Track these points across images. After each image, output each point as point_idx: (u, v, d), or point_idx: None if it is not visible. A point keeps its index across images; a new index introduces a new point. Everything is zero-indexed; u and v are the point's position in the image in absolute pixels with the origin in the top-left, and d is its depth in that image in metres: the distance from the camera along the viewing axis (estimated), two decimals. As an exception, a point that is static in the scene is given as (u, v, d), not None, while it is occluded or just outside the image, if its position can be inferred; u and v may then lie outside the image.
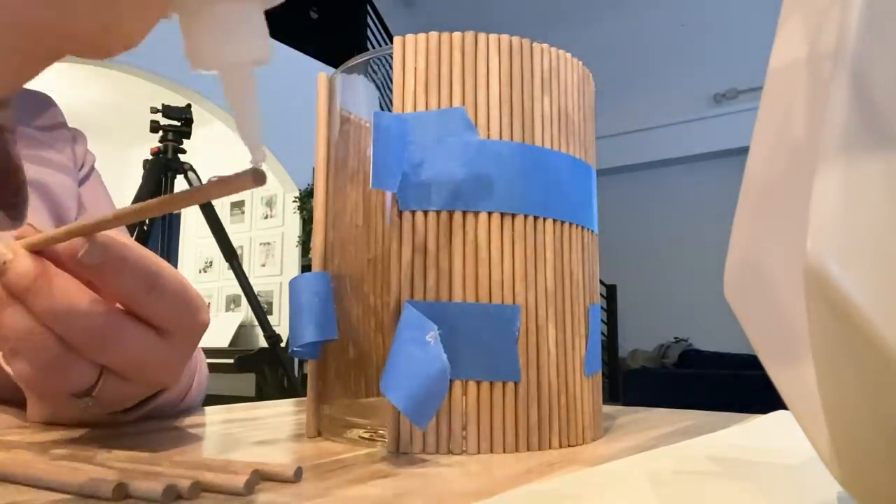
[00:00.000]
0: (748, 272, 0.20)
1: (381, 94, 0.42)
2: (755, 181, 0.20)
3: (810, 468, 0.27)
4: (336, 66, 0.40)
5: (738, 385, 3.21)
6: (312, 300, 0.37)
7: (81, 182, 0.58)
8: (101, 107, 4.77)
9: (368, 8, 5.82)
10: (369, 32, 5.83)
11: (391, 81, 0.35)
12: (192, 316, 0.32)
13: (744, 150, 4.76)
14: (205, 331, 0.33)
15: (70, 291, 0.27)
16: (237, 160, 4.91)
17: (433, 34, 0.34)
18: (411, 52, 0.34)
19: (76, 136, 0.60)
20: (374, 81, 0.40)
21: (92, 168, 0.60)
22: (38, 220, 0.49)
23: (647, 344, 5.11)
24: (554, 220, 0.35)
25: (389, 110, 0.34)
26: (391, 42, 0.35)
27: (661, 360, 4.47)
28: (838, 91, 0.15)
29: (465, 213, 0.33)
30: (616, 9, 6.03)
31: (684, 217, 5.61)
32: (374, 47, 5.63)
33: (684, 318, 5.35)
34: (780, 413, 0.42)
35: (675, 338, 4.92)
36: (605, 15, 6.06)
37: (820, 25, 0.18)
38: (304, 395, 0.37)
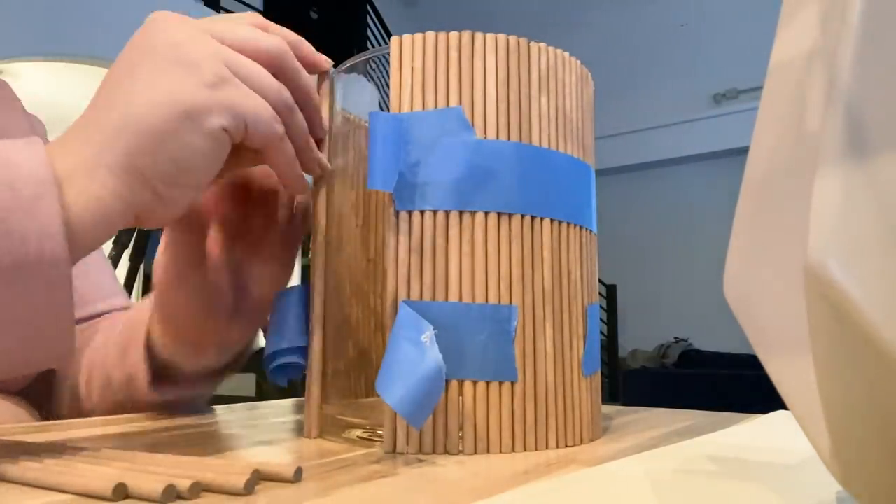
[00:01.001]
0: (748, 272, 0.20)
1: (381, 94, 0.42)
2: (755, 181, 0.20)
3: (810, 468, 0.27)
4: (336, 66, 0.40)
5: (738, 385, 3.21)
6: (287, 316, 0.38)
7: None
8: (101, 107, 4.77)
9: (368, 8, 5.82)
10: (369, 32, 5.83)
11: (386, 82, 0.35)
12: None
13: (744, 150, 4.76)
14: None
15: None
16: (237, 160, 4.90)
17: (430, 34, 0.34)
18: (408, 52, 0.34)
19: (34, 124, 0.60)
20: (373, 81, 0.40)
21: None
22: None
23: (647, 344, 5.11)
24: (551, 220, 0.34)
25: (387, 110, 0.34)
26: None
27: (661, 360, 4.47)
28: (837, 95, 0.15)
29: (461, 212, 0.33)
30: (616, 8, 6.03)
31: (684, 217, 5.61)
32: (373, 47, 5.62)
33: (684, 318, 5.34)
34: (780, 413, 0.42)
35: (675, 338, 4.92)
36: (604, 14, 6.06)
37: (821, 23, 0.18)
38: (304, 395, 0.37)
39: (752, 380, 3.13)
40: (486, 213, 0.33)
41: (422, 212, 0.33)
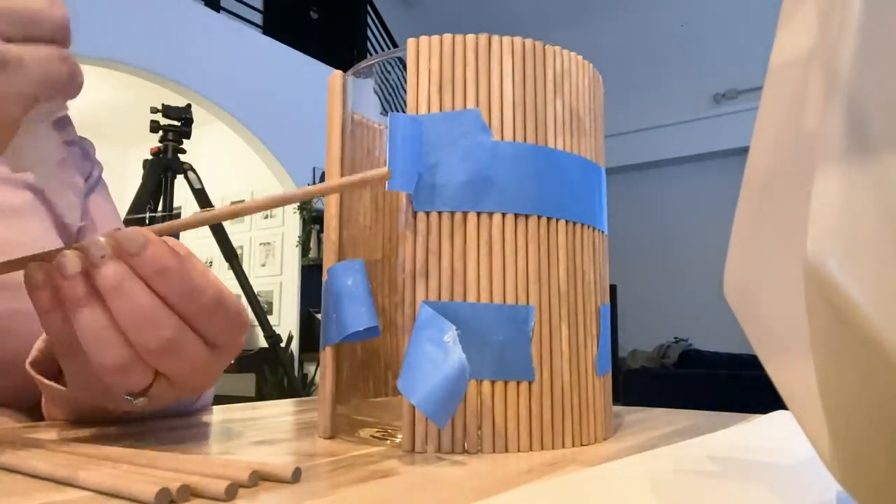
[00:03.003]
0: (748, 272, 0.20)
1: (385, 97, 0.42)
2: (755, 181, 0.20)
3: (810, 468, 0.27)
4: (336, 66, 0.41)
5: (738, 385, 3.21)
6: (358, 286, 0.36)
7: (88, 193, 0.58)
8: (101, 107, 4.77)
9: (368, 8, 5.82)
10: (369, 33, 5.83)
11: (390, 83, 0.35)
12: (239, 336, 0.33)
13: (744, 150, 4.76)
14: (241, 348, 0.34)
15: (148, 299, 0.28)
16: (237, 160, 4.92)
17: (447, 36, 0.34)
18: (425, 54, 0.34)
19: (85, 151, 0.59)
20: (376, 83, 0.40)
21: (99, 178, 0.60)
22: (44, 233, 0.49)
23: (647, 344, 5.10)
24: (567, 221, 0.35)
25: (397, 111, 0.34)
26: (391, 42, 0.35)
27: (661, 360, 4.46)
28: (837, 93, 0.15)
29: (479, 213, 0.33)
30: (616, 9, 6.02)
31: (684, 217, 5.61)
32: (374, 47, 5.63)
33: (684, 318, 5.34)
34: (780, 413, 0.42)
35: (675, 338, 4.91)
36: (604, 15, 6.06)
37: (821, 24, 0.18)
38: (304, 395, 0.37)
39: (752, 380, 3.13)
40: (504, 215, 0.33)
41: (439, 212, 0.33)
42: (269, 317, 3.20)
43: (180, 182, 2.55)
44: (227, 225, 2.86)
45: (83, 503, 0.22)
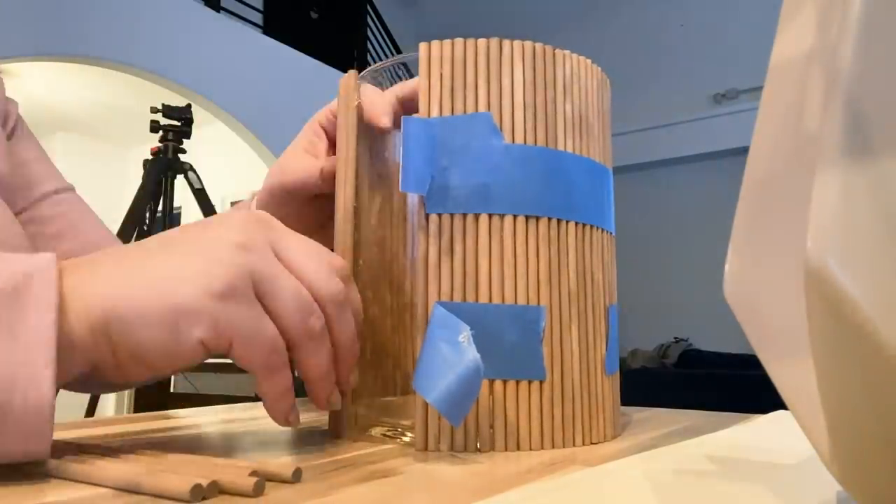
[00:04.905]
0: (748, 272, 0.20)
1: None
2: (755, 181, 0.20)
3: (810, 468, 0.27)
4: (336, 67, 0.41)
5: (738, 385, 3.20)
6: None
7: (10, 136, 0.54)
8: (101, 107, 4.77)
9: (368, 8, 5.83)
10: (369, 32, 5.83)
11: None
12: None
13: (744, 150, 4.75)
14: None
15: None
16: (237, 160, 4.92)
17: (458, 40, 0.35)
18: (437, 58, 0.35)
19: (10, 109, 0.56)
20: (381, 86, 0.40)
21: (17, 120, 0.56)
22: None
23: (647, 344, 5.10)
24: (576, 223, 0.35)
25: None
26: (391, 41, 0.35)
27: (661, 360, 4.46)
28: (837, 93, 0.15)
29: (490, 215, 0.33)
30: (615, 9, 6.03)
31: (684, 217, 5.61)
32: (374, 47, 5.63)
33: (684, 318, 5.34)
34: (780, 413, 0.42)
35: (675, 338, 4.91)
36: (604, 15, 6.06)
37: (821, 23, 0.18)
38: (305, 395, 0.37)
39: (752, 380, 3.13)
40: (514, 216, 0.33)
41: (451, 214, 0.33)
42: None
43: (180, 182, 2.55)
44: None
45: (96, 501, 0.22)
